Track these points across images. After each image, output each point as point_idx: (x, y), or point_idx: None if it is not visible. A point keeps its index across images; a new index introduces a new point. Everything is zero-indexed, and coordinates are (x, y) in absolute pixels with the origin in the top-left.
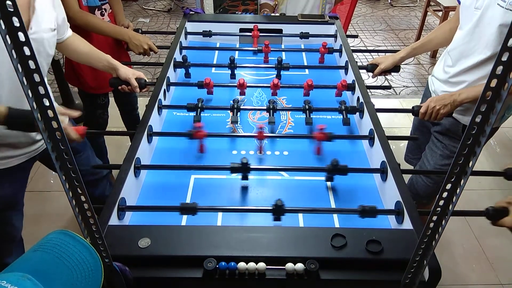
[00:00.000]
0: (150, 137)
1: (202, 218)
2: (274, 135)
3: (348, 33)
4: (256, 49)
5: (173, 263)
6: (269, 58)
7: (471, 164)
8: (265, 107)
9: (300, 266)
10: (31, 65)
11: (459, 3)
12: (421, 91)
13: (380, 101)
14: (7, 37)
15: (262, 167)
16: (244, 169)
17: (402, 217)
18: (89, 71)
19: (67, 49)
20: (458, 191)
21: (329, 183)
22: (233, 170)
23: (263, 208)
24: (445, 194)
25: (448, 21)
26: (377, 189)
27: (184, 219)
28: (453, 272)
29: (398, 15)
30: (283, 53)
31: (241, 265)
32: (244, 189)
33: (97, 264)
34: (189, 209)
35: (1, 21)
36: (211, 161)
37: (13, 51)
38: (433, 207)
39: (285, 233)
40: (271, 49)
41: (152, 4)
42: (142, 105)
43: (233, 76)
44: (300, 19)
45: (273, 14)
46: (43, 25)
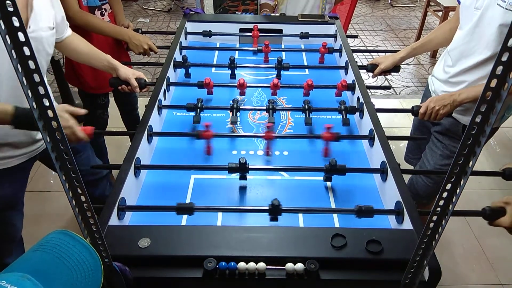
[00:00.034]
0: (150, 137)
1: (202, 218)
2: (282, 135)
3: (348, 33)
4: (256, 49)
5: (173, 263)
6: (269, 58)
7: (471, 164)
8: (265, 107)
9: (300, 266)
10: (31, 65)
11: (459, 3)
12: (421, 91)
13: (380, 101)
14: (7, 37)
15: (262, 167)
16: (242, 169)
17: (402, 217)
18: (89, 71)
19: (66, 48)
20: (458, 191)
21: (329, 183)
22: (231, 170)
23: (260, 208)
24: (445, 194)
25: (448, 21)
26: (377, 189)
27: (184, 219)
28: (453, 272)
29: (398, 15)
30: (283, 53)
31: (241, 265)
32: (244, 189)
33: (97, 264)
34: (185, 209)
35: (1, 21)
36: (211, 161)
37: (13, 51)
38: (433, 207)
39: (285, 233)
40: (271, 49)
41: (152, 4)
42: (142, 105)
43: (233, 76)
44: (300, 19)
45: (273, 14)
46: (42, 23)
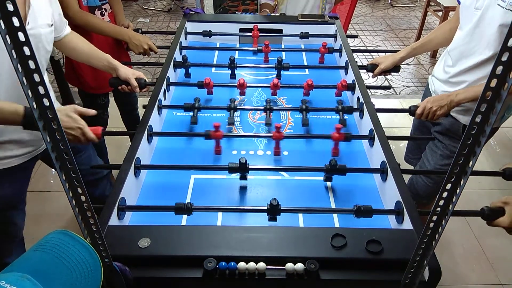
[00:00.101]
0: (150, 137)
1: (202, 218)
2: (291, 135)
3: (348, 33)
4: (256, 49)
5: (173, 263)
6: (269, 58)
7: (471, 164)
8: (263, 107)
9: (300, 266)
10: (31, 65)
11: (459, 3)
12: (421, 91)
13: (380, 101)
14: (7, 37)
15: (262, 167)
16: (242, 169)
17: (402, 217)
18: (89, 71)
19: (66, 47)
20: (458, 191)
21: (329, 183)
22: (231, 170)
23: (258, 208)
24: (445, 194)
25: (448, 21)
26: (377, 189)
27: (184, 219)
28: (453, 272)
29: (398, 15)
30: (283, 53)
31: (241, 265)
32: (244, 189)
33: (96, 264)
34: (184, 209)
35: (1, 21)
36: (211, 161)
37: (13, 51)
38: (433, 207)
39: (285, 233)
40: (271, 49)
41: (152, 4)
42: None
43: (233, 76)
44: (300, 19)
45: (273, 14)
46: (40, 20)
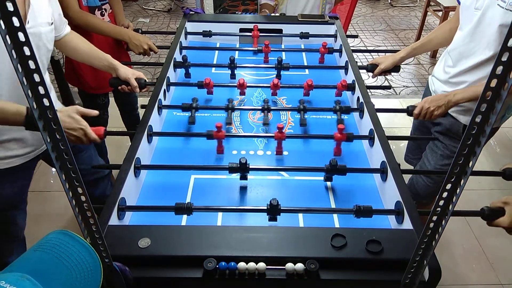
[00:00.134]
0: (150, 137)
1: (202, 218)
2: (292, 135)
3: (348, 33)
4: (256, 49)
5: (173, 263)
6: (269, 58)
7: (471, 164)
8: (260, 107)
9: (300, 266)
10: (31, 65)
11: (459, 3)
12: (421, 91)
13: (380, 101)
14: (7, 37)
15: (262, 167)
16: (242, 169)
17: (402, 217)
18: (89, 71)
19: (66, 47)
20: (458, 191)
21: (329, 183)
22: (231, 170)
23: (258, 208)
24: (445, 194)
25: (448, 21)
26: (377, 189)
27: (184, 219)
28: (453, 272)
29: (398, 15)
30: (283, 53)
31: (241, 265)
32: (244, 189)
33: (96, 264)
34: (184, 209)
35: (1, 21)
36: (211, 161)
37: (13, 51)
38: (433, 207)
39: (285, 233)
40: (271, 49)
41: (152, 4)
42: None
43: (233, 76)
44: (300, 19)
45: (273, 14)
46: (40, 19)
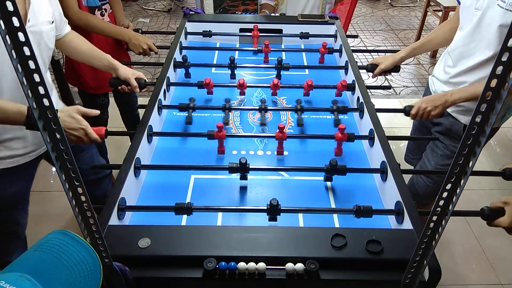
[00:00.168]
0: (150, 137)
1: (202, 218)
2: (293, 135)
3: (348, 33)
4: (256, 49)
5: (173, 263)
6: (269, 58)
7: (471, 164)
8: (258, 107)
9: (300, 266)
10: (31, 65)
11: (459, 3)
12: (421, 91)
13: (380, 101)
14: (7, 37)
15: (262, 167)
16: (242, 169)
17: (402, 217)
18: (89, 71)
19: (66, 46)
20: (458, 191)
21: (329, 183)
22: (231, 170)
23: (258, 208)
24: (445, 194)
25: (448, 21)
26: (377, 189)
27: (184, 219)
28: (453, 272)
29: (398, 15)
30: (283, 53)
31: (241, 265)
32: (244, 189)
33: (95, 264)
34: (184, 209)
35: (1, 21)
36: (211, 161)
37: (13, 51)
38: (433, 207)
39: (285, 233)
40: (271, 49)
41: (152, 4)
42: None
43: (233, 76)
44: (300, 19)
45: (273, 14)
46: (41, 18)
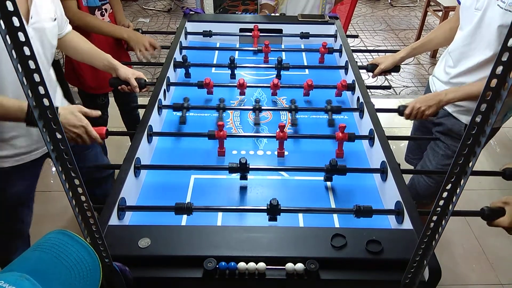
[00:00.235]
0: (150, 137)
1: (202, 218)
2: (293, 135)
3: (348, 33)
4: (256, 49)
5: (173, 263)
6: (269, 58)
7: (471, 164)
8: (251, 107)
9: (300, 266)
10: (31, 65)
11: (459, 3)
12: (421, 91)
13: (380, 101)
14: (7, 37)
15: (262, 167)
16: (242, 169)
17: (402, 217)
18: (89, 71)
19: (67, 46)
20: (458, 191)
21: (329, 183)
22: (231, 170)
23: (258, 208)
24: (445, 194)
25: (448, 21)
26: (377, 189)
27: (184, 219)
28: (453, 272)
29: (398, 15)
30: (283, 53)
31: (241, 265)
32: (244, 189)
33: (95, 263)
34: (184, 209)
35: (1, 21)
36: (211, 161)
37: (13, 51)
38: (433, 207)
39: (285, 233)
40: (271, 49)
41: (152, 4)
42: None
43: (233, 76)
44: (300, 19)
45: (273, 14)
46: (43, 15)
